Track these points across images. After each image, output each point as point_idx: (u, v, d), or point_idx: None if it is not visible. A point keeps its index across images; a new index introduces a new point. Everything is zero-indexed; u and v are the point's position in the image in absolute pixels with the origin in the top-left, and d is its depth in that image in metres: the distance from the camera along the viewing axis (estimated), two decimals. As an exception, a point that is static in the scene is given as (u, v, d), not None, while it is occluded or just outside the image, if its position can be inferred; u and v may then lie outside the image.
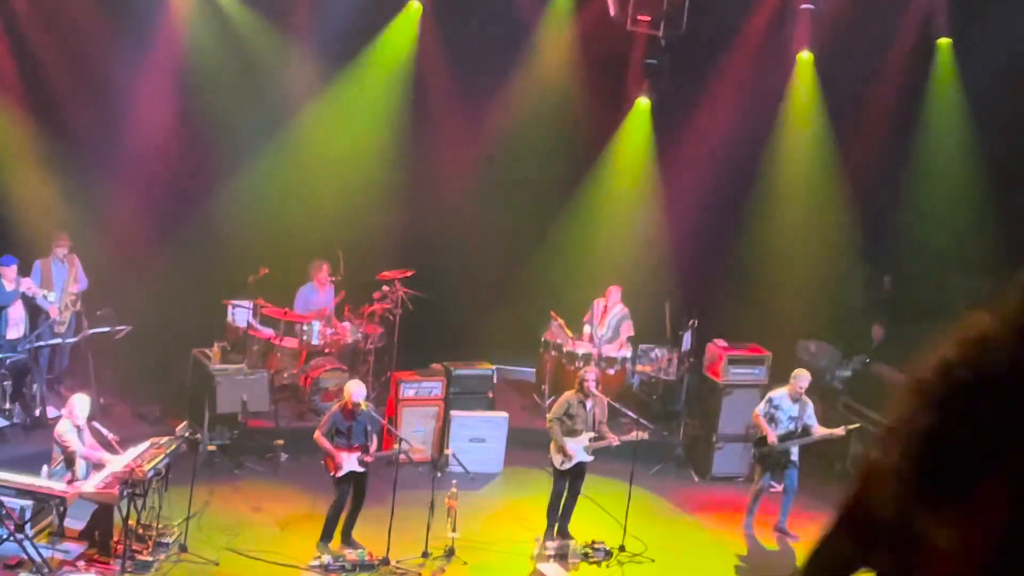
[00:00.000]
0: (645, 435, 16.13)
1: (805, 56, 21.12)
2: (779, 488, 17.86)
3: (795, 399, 16.56)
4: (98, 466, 14.63)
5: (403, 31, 20.70)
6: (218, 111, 19.51)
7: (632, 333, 19.64)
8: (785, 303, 21.03)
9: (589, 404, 15.81)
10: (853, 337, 20.93)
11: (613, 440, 15.81)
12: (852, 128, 21.11)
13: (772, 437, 16.43)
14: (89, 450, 14.62)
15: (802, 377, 16.59)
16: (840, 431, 16.54)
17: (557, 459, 15.78)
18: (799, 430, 16.54)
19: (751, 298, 21.17)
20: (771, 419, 16.52)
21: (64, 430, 14.59)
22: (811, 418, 16.63)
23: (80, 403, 14.77)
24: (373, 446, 15.17)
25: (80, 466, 14.55)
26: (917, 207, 21.23)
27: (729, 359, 18.39)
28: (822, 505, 17.82)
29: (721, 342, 18.68)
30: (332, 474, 15.04)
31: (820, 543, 2.13)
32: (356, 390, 15.06)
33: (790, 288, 21.18)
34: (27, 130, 18.76)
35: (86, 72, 18.99)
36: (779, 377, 16.93)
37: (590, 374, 15.90)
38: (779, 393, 16.65)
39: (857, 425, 17.11)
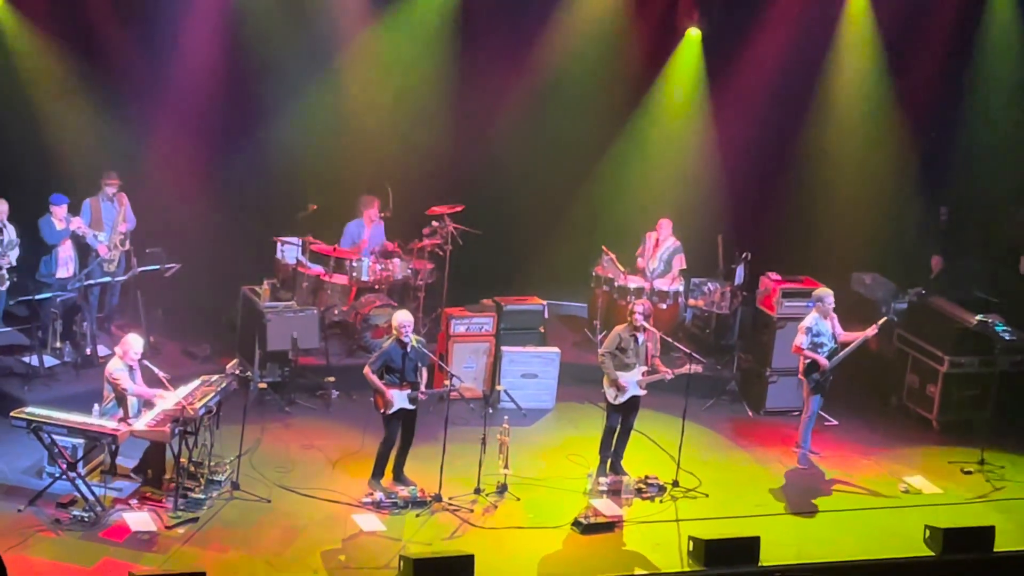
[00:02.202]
0: (699, 368, 16.01)
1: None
2: (834, 422, 17.76)
3: (825, 316, 16.48)
4: (149, 404, 14.64)
5: (451, -38, 20.52)
6: (265, 46, 19.37)
7: (684, 266, 19.47)
8: (839, 235, 20.85)
9: (641, 338, 15.69)
10: (909, 269, 20.71)
11: (667, 374, 15.70)
12: (907, 56, 20.81)
13: (824, 362, 16.31)
14: (140, 388, 14.61)
15: (827, 296, 16.54)
16: (872, 330, 16.38)
17: (611, 393, 15.68)
18: (838, 345, 16.43)
19: (805, 230, 20.98)
20: (815, 347, 16.38)
21: (115, 368, 14.59)
22: (838, 328, 16.56)
23: (134, 342, 14.77)
24: (423, 383, 15.09)
25: (132, 404, 14.56)
26: (974, 137, 20.95)
27: (783, 292, 18.21)
28: (878, 440, 17.75)
29: (774, 275, 18.49)
30: (381, 411, 14.98)
31: None
32: (402, 319, 14.99)
33: (844, 220, 20.98)
34: (74, 69, 18.68)
35: (133, 8, 18.89)
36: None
37: (638, 307, 15.75)
38: (812, 320, 16.51)
39: (885, 319, 16.90)
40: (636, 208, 20.60)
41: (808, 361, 16.45)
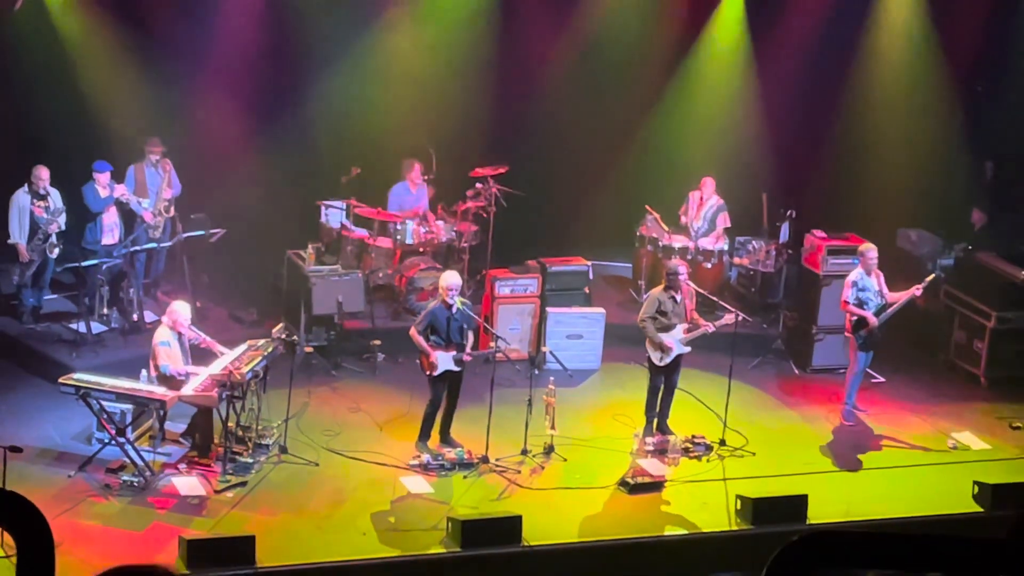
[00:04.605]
0: (741, 316, 15.95)
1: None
2: (881, 379, 17.70)
3: (870, 272, 16.41)
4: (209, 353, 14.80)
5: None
6: (307, 9, 19.35)
7: (729, 225, 19.38)
8: (885, 191, 20.70)
9: (679, 297, 15.65)
10: (955, 225, 20.56)
11: (708, 327, 15.66)
12: (953, 9, 20.59)
13: (873, 319, 16.25)
14: (177, 366, 14.58)
15: (870, 251, 16.49)
16: (918, 289, 16.29)
17: (656, 356, 15.65)
18: (885, 302, 16.36)
19: (850, 187, 20.85)
20: (861, 303, 16.32)
21: (158, 341, 14.61)
22: (884, 286, 16.48)
23: (182, 310, 14.83)
24: (469, 345, 15.11)
25: (181, 359, 14.65)
26: (1021, 90, 20.72)
27: (828, 249, 18.13)
28: (926, 396, 17.68)
29: (819, 232, 18.42)
30: (427, 373, 15.01)
31: None
32: (450, 280, 15.02)
33: (890, 176, 20.83)
34: (116, 34, 18.67)
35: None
36: (879, 266, 16.66)
37: (683, 268, 15.73)
38: (858, 275, 16.46)
39: (932, 276, 16.85)
40: (680, 167, 20.50)
41: (856, 318, 16.39)
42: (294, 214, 19.05)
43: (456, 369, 15.03)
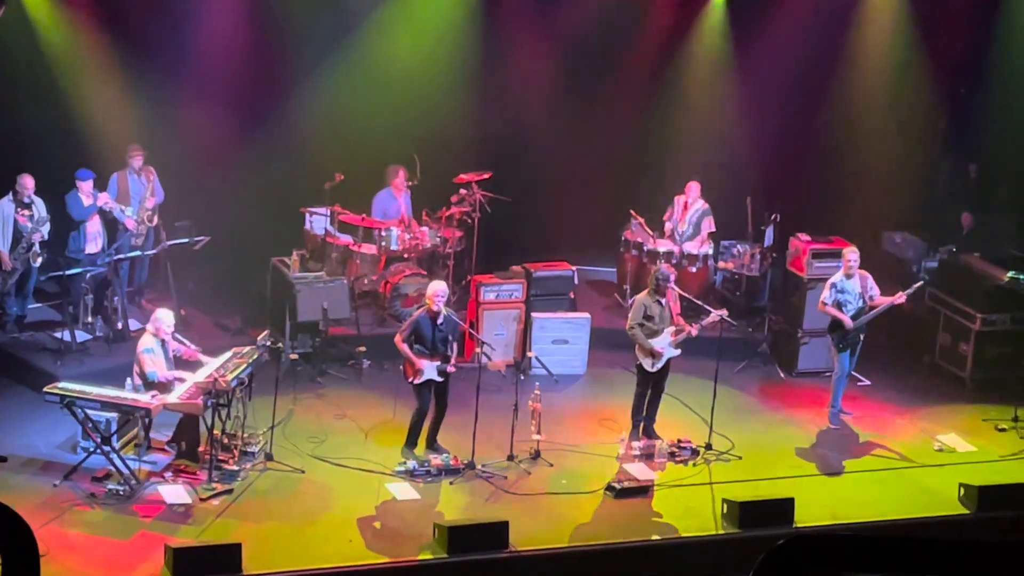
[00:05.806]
0: (724, 311, 15.92)
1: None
2: (867, 382, 17.71)
3: (851, 276, 16.39)
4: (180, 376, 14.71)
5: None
6: (290, 16, 19.33)
7: (713, 229, 19.38)
8: (869, 194, 20.75)
9: (664, 301, 15.64)
10: (939, 227, 20.61)
11: (692, 331, 15.62)
12: (935, 12, 20.64)
13: (848, 322, 16.24)
14: (164, 372, 14.57)
15: (850, 253, 16.50)
16: (901, 297, 16.28)
17: (648, 363, 15.63)
18: (867, 305, 16.35)
19: (834, 190, 20.89)
20: (840, 305, 16.31)
21: (143, 349, 14.58)
22: (873, 288, 16.48)
23: (165, 317, 14.81)
24: (453, 355, 15.08)
25: (166, 366, 14.62)
26: (1003, 92, 20.78)
27: (813, 253, 18.14)
28: (911, 399, 17.70)
29: (804, 236, 18.42)
30: (410, 380, 14.99)
31: None
32: (436, 287, 15.01)
33: (874, 179, 20.89)
34: (99, 42, 18.63)
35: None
36: (868, 268, 16.69)
37: (672, 275, 15.72)
38: (838, 277, 16.48)
39: (919, 283, 16.87)
40: (664, 171, 20.51)
41: (833, 319, 16.43)
42: (278, 221, 19.01)
43: (439, 380, 15.02)
